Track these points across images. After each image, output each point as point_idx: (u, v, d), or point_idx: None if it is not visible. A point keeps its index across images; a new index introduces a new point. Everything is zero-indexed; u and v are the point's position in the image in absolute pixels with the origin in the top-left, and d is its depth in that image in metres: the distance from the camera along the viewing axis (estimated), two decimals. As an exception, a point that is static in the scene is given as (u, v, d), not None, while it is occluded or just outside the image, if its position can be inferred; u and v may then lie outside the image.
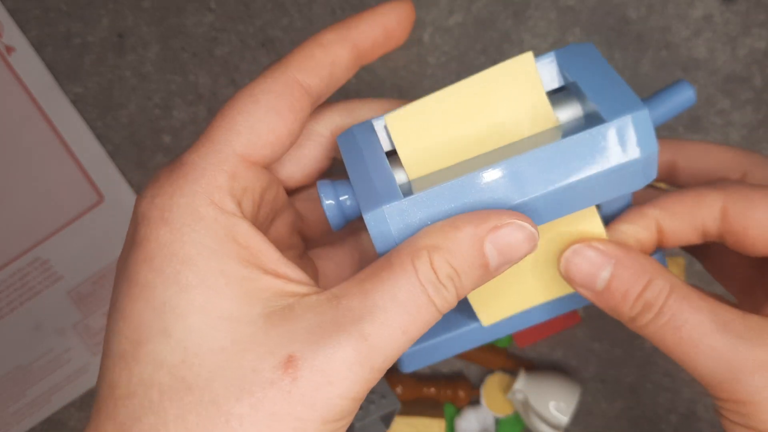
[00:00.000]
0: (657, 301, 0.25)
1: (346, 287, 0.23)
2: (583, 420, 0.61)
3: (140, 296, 0.22)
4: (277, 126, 0.25)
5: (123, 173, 0.58)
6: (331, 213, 0.26)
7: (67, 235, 0.57)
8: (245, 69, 0.56)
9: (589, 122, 0.25)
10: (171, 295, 0.22)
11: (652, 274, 0.25)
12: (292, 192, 0.29)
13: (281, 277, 0.23)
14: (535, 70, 0.25)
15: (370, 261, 0.26)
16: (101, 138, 0.57)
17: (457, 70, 0.55)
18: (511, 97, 0.26)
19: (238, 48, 0.55)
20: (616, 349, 0.60)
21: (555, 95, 0.27)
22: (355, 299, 0.22)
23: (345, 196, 0.26)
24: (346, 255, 0.30)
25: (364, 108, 0.28)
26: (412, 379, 0.60)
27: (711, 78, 0.53)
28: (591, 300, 0.26)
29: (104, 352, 0.23)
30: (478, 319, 0.29)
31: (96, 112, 0.57)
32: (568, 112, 0.26)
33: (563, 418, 0.56)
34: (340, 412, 0.22)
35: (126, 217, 0.58)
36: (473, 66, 0.54)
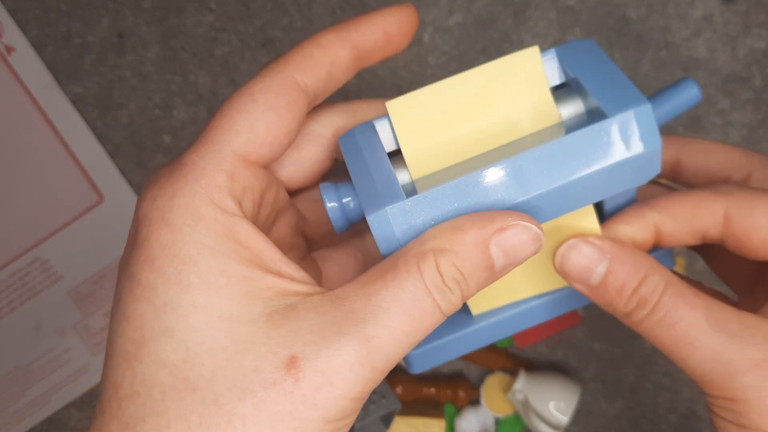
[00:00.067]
0: (652, 297, 0.25)
1: (350, 288, 0.23)
2: (583, 420, 0.61)
3: (142, 296, 0.22)
4: (276, 125, 0.25)
5: (123, 173, 0.58)
6: (334, 215, 0.26)
7: (67, 235, 0.57)
8: (245, 69, 0.56)
9: (592, 118, 0.25)
10: (173, 295, 0.22)
11: (647, 270, 0.25)
12: (294, 193, 0.29)
13: (283, 277, 0.23)
14: (541, 64, 0.25)
15: (374, 262, 0.26)
16: (101, 138, 0.57)
17: (457, 70, 0.55)
18: (515, 91, 0.26)
19: (238, 48, 0.55)
20: (616, 349, 0.60)
21: (557, 91, 0.26)
22: (359, 301, 0.22)
23: (348, 198, 0.26)
24: (349, 256, 0.30)
25: (365, 108, 0.28)
26: (412, 379, 0.60)
27: (711, 78, 0.53)
28: (586, 295, 0.26)
29: (107, 352, 0.23)
30: (486, 318, 0.29)
31: (96, 112, 0.57)
32: (570, 109, 0.26)
33: (563, 418, 0.56)
34: (342, 412, 0.22)
35: (126, 217, 0.58)
36: (473, 66, 0.54)
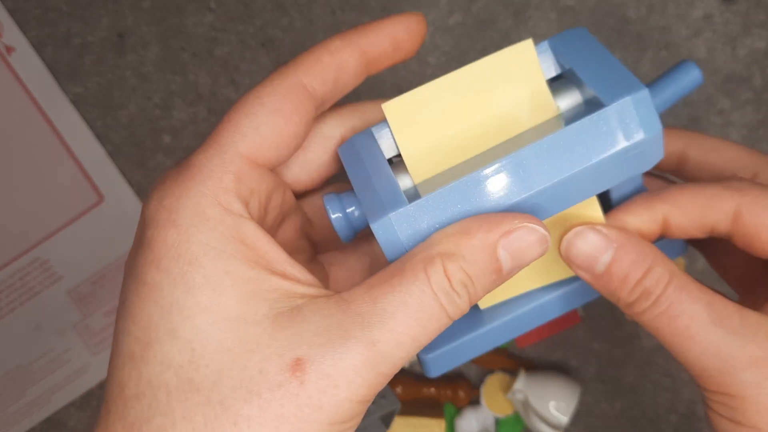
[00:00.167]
0: (656, 288, 0.25)
1: (356, 292, 0.23)
2: (583, 420, 0.61)
3: (148, 297, 0.22)
4: (282, 128, 0.25)
5: (123, 173, 0.58)
6: (339, 226, 0.26)
7: (67, 235, 0.57)
8: (245, 69, 0.56)
9: (590, 108, 0.24)
10: (178, 295, 0.22)
11: (653, 262, 0.25)
12: (301, 195, 0.29)
13: (289, 279, 0.23)
14: (535, 57, 0.25)
15: (381, 266, 0.26)
16: (101, 138, 0.57)
17: (458, 70, 0.55)
18: (512, 85, 0.25)
19: (238, 48, 0.55)
20: (616, 349, 0.60)
21: (553, 84, 0.26)
22: (365, 304, 0.22)
23: (352, 208, 0.26)
24: (356, 260, 0.30)
25: (371, 109, 0.28)
26: (412, 379, 0.60)
27: (711, 78, 0.53)
28: (590, 283, 0.26)
29: (113, 352, 0.23)
30: (498, 318, 0.29)
31: (96, 112, 0.57)
32: (568, 100, 0.26)
33: (563, 418, 0.56)
34: (347, 414, 0.22)
35: (126, 217, 0.58)
36: (473, 66, 0.54)
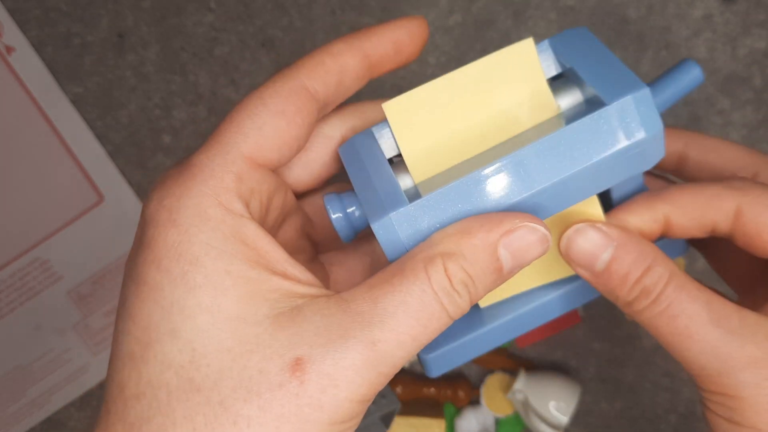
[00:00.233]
0: (655, 287, 0.25)
1: (356, 292, 0.23)
2: (583, 420, 0.61)
3: (148, 297, 0.22)
4: (284, 129, 0.25)
5: (123, 173, 0.58)
6: (339, 226, 0.26)
7: (67, 235, 0.57)
8: (245, 69, 0.56)
9: (591, 107, 0.24)
10: (179, 295, 0.22)
11: (652, 260, 0.25)
12: (301, 195, 0.29)
13: (289, 279, 0.23)
14: (536, 56, 0.25)
15: (382, 266, 0.26)
16: (101, 138, 0.57)
17: (458, 70, 0.55)
18: (512, 84, 0.25)
19: (238, 48, 0.55)
20: (616, 349, 0.60)
21: (554, 83, 0.26)
22: (365, 304, 0.22)
23: (352, 208, 0.26)
24: (357, 260, 0.30)
25: (373, 110, 0.28)
26: (412, 379, 0.60)
27: (711, 78, 0.53)
28: (589, 281, 0.26)
29: (113, 352, 0.23)
30: (498, 318, 0.29)
31: (96, 112, 0.57)
32: (569, 99, 0.26)
33: (563, 418, 0.56)
34: (348, 413, 0.22)
35: (126, 217, 0.58)
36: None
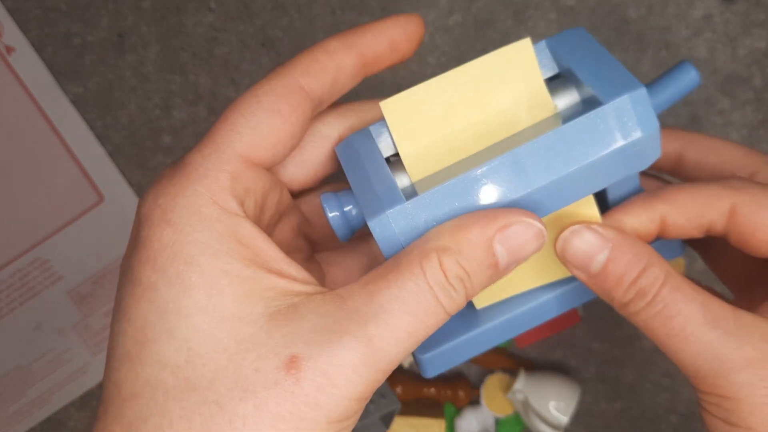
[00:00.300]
0: (651, 289, 0.24)
1: (352, 288, 0.23)
2: (583, 420, 0.61)
3: (144, 297, 0.22)
4: (279, 127, 0.25)
5: (123, 173, 0.58)
6: (336, 224, 0.26)
7: (67, 235, 0.57)
8: (245, 69, 0.56)
9: (588, 107, 0.24)
10: (175, 295, 0.22)
11: (648, 261, 0.25)
12: (298, 195, 0.29)
13: (285, 277, 0.23)
14: (533, 56, 0.25)
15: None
16: (101, 138, 0.57)
17: (458, 70, 0.55)
18: (510, 83, 0.25)
19: (238, 48, 0.55)
20: (615, 349, 0.60)
21: (551, 83, 0.26)
22: (361, 301, 0.22)
23: (349, 207, 0.26)
24: (354, 260, 0.30)
25: (369, 109, 0.28)
26: (412, 379, 0.60)
27: (711, 78, 0.53)
28: (585, 283, 0.26)
29: (109, 353, 0.23)
30: (494, 318, 0.28)
31: (96, 112, 0.57)
32: (566, 99, 0.26)
33: (563, 418, 0.56)
34: (345, 412, 0.21)
35: (126, 217, 0.58)
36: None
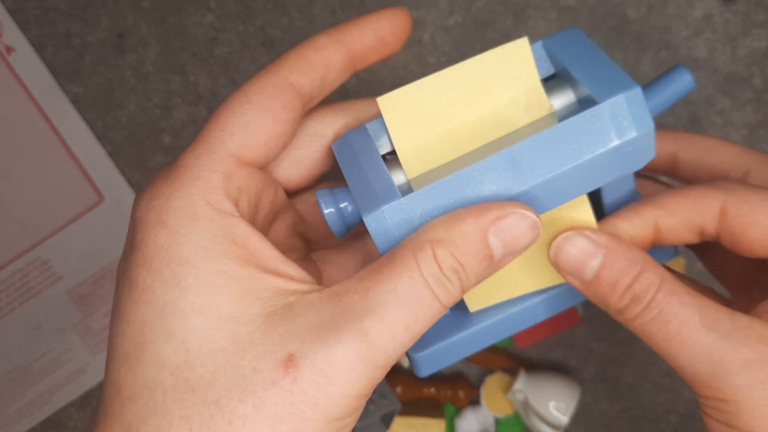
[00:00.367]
0: (646, 294, 0.24)
1: (348, 285, 0.23)
2: (583, 420, 0.61)
3: (141, 299, 0.22)
4: (270, 126, 0.25)
5: (123, 173, 0.58)
6: (332, 221, 0.26)
7: (67, 235, 0.57)
8: (245, 69, 0.56)
9: (583, 107, 0.24)
10: (171, 297, 0.22)
11: (642, 267, 0.25)
12: (293, 194, 0.29)
13: (281, 276, 0.23)
14: (530, 55, 0.25)
15: None
16: (101, 138, 0.57)
17: (457, 70, 0.55)
18: (506, 82, 0.25)
19: (238, 48, 0.55)
20: (616, 349, 0.60)
21: (547, 83, 0.26)
22: (356, 296, 0.22)
23: (345, 203, 0.26)
24: (350, 258, 0.30)
25: (365, 108, 0.28)
26: (412, 379, 0.60)
27: (711, 78, 0.53)
28: (579, 289, 0.26)
29: (108, 354, 0.23)
30: (488, 317, 0.28)
31: (96, 112, 0.57)
32: (562, 99, 0.26)
33: (563, 418, 0.56)
34: (344, 410, 0.21)
35: (126, 217, 0.58)
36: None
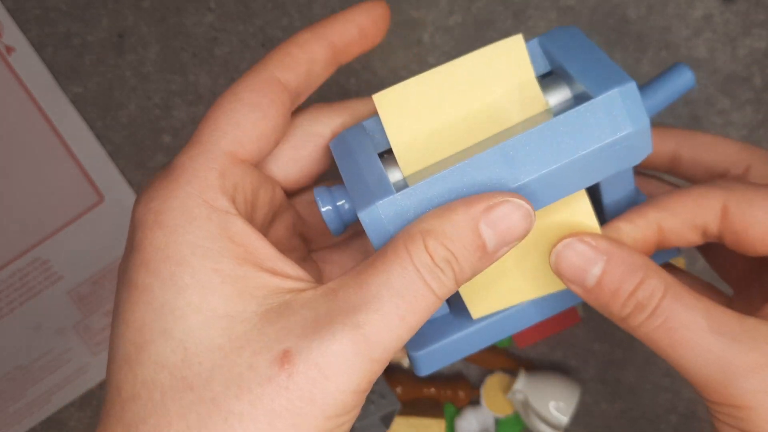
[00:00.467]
0: (650, 301, 0.24)
1: (343, 280, 0.23)
2: (583, 420, 0.61)
3: (140, 299, 0.22)
4: (261, 122, 0.25)
5: (123, 173, 0.58)
6: (329, 219, 0.26)
7: (67, 235, 0.57)
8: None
9: (579, 103, 0.24)
10: (169, 296, 0.22)
11: (645, 273, 0.24)
12: (293, 194, 0.29)
13: (278, 275, 0.23)
14: (525, 52, 0.25)
15: None
16: (101, 138, 0.57)
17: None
18: (501, 79, 0.25)
19: (238, 48, 0.55)
20: (616, 349, 0.60)
21: (543, 80, 0.26)
22: (351, 290, 0.22)
23: (342, 201, 0.26)
24: (350, 257, 0.30)
25: (362, 106, 0.28)
26: (412, 379, 0.60)
27: (711, 78, 0.53)
28: (582, 297, 0.25)
29: (109, 355, 0.23)
30: (488, 317, 0.28)
31: (96, 112, 0.57)
32: (557, 96, 0.26)
33: (563, 418, 0.55)
34: (342, 406, 0.21)
35: (126, 217, 0.58)
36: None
